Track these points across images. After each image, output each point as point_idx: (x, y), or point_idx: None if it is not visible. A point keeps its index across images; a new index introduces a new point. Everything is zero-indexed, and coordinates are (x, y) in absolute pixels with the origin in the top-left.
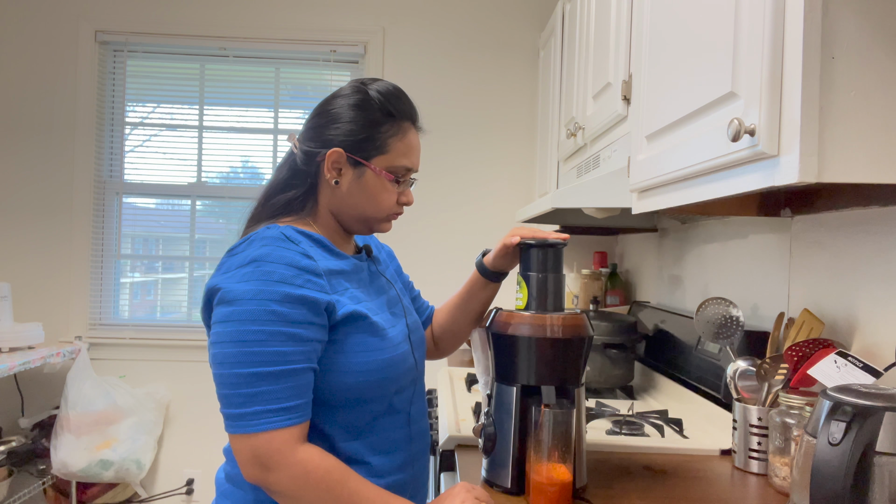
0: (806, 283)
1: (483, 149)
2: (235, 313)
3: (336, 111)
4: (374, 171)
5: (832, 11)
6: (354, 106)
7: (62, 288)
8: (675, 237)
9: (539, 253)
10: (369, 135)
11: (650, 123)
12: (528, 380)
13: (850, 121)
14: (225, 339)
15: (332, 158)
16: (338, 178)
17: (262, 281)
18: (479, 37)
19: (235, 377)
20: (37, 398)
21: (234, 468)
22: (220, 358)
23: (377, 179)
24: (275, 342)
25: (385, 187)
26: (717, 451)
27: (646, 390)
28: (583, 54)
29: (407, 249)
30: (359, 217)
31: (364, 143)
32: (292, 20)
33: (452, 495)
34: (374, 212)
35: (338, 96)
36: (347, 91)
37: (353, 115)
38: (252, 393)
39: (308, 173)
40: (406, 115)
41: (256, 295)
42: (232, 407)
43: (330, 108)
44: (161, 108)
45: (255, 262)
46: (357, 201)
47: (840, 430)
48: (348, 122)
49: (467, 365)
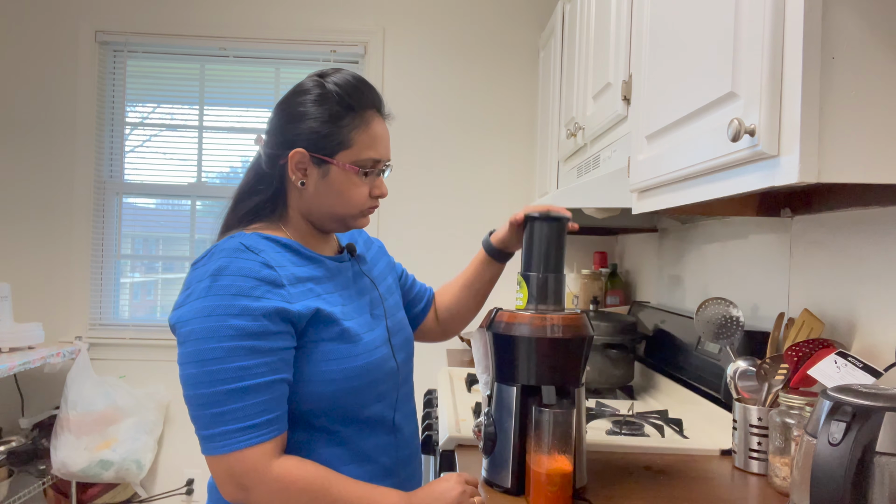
0: (806, 283)
1: (483, 149)
2: (194, 333)
3: (295, 109)
4: (340, 166)
5: (832, 11)
6: (313, 102)
7: (62, 288)
8: (675, 237)
9: (543, 227)
10: (330, 131)
11: (650, 123)
12: (528, 380)
13: (850, 121)
14: (186, 360)
15: (296, 160)
16: (303, 179)
17: (219, 296)
18: (479, 37)
19: (201, 398)
20: (37, 398)
21: None
22: (184, 380)
23: (344, 175)
24: (236, 358)
25: (353, 182)
26: (717, 451)
27: (646, 390)
28: (583, 54)
29: (406, 249)
30: (330, 216)
31: (326, 141)
32: (292, 20)
33: (448, 488)
34: (344, 209)
35: (296, 93)
36: (307, 86)
37: (312, 111)
38: (219, 413)
39: (273, 176)
40: (368, 105)
41: (213, 311)
42: (202, 428)
43: (289, 106)
44: (161, 108)
45: (212, 276)
46: (326, 200)
47: (840, 430)
48: (308, 120)
49: (467, 365)
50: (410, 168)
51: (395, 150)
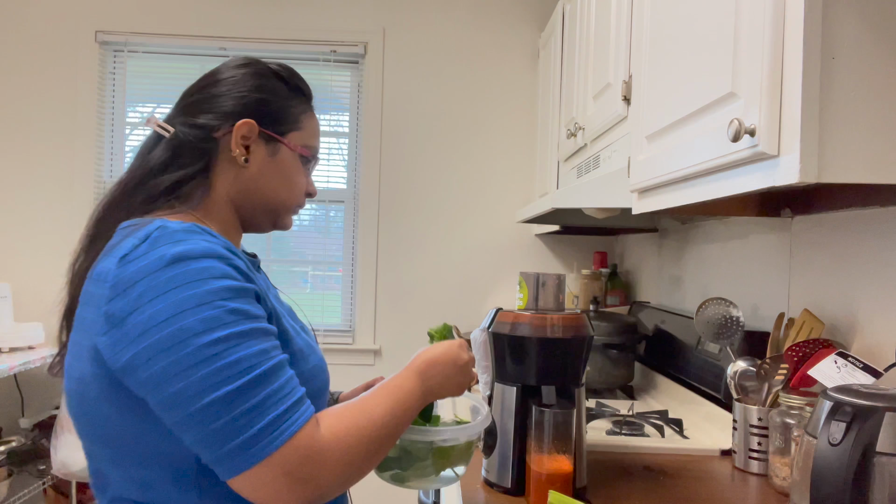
0: (806, 283)
1: (483, 149)
2: (186, 330)
3: (232, 78)
4: (291, 147)
5: (832, 11)
6: (257, 75)
7: (62, 288)
8: (675, 237)
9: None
10: (283, 107)
11: (650, 124)
12: (528, 380)
13: (850, 121)
14: (187, 366)
15: (242, 132)
16: (247, 156)
17: (202, 281)
18: (479, 37)
19: (227, 399)
20: (37, 398)
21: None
22: (190, 391)
23: (293, 159)
24: (252, 342)
25: (299, 170)
26: (717, 451)
27: (646, 390)
28: (583, 54)
29: (406, 249)
30: (267, 205)
31: (278, 115)
32: (292, 20)
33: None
34: (287, 197)
35: (229, 67)
36: (246, 61)
37: (259, 82)
38: (256, 403)
39: (203, 152)
40: (310, 95)
41: (203, 299)
42: (234, 436)
43: (221, 78)
44: (161, 108)
45: (177, 261)
46: (269, 184)
47: (840, 430)
48: (255, 92)
49: None
50: (410, 168)
51: (396, 149)
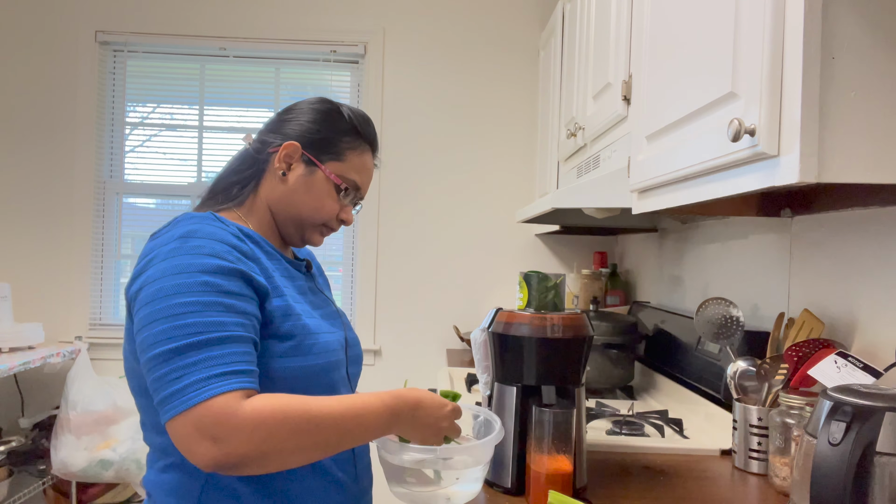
0: (806, 283)
1: (483, 149)
2: (163, 291)
3: (302, 109)
4: (325, 173)
5: (832, 11)
6: (322, 111)
7: (62, 288)
8: (675, 237)
9: None
10: (329, 138)
11: (650, 123)
12: (528, 380)
13: (850, 121)
14: (153, 319)
15: (287, 151)
16: (286, 171)
17: (191, 255)
18: (479, 37)
19: (168, 353)
20: (37, 398)
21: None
22: (149, 340)
23: (325, 183)
24: (212, 313)
25: (330, 195)
26: (717, 451)
27: (646, 390)
28: (583, 54)
29: (405, 249)
30: (295, 217)
31: (322, 144)
32: (292, 20)
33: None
34: (311, 214)
35: (314, 101)
36: (326, 101)
37: (318, 116)
38: (189, 363)
39: (257, 161)
40: (370, 139)
41: (185, 268)
42: (168, 385)
43: (297, 107)
44: (161, 108)
45: (181, 238)
46: (299, 198)
47: (840, 430)
48: (310, 123)
49: (467, 365)
50: (410, 168)
51: (396, 150)
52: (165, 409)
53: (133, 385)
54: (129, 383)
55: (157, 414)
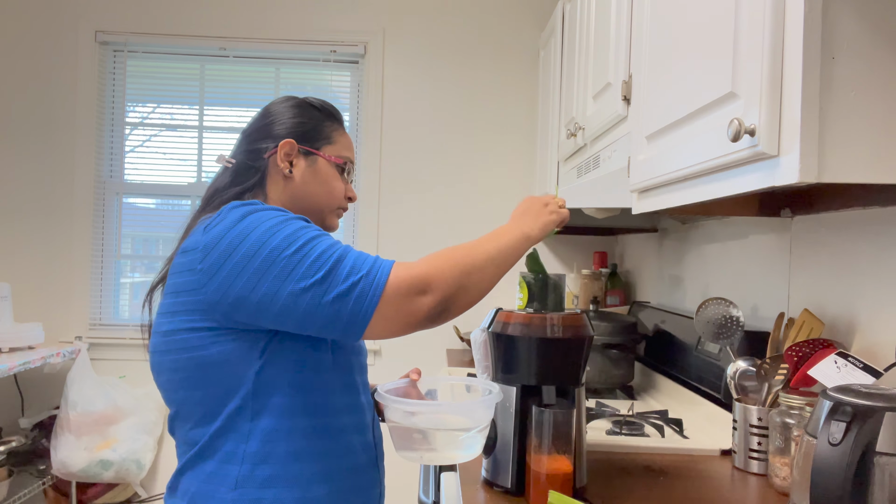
0: (806, 283)
1: (483, 149)
2: (270, 255)
3: (279, 110)
4: (325, 157)
5: (832, 11)
6: (298, 106)
7: (62, 288)
8: (675, 237)
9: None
10: (315, 126)
11: (650, 124)
12: (528, 380)
13: (850, 121)
14: (281, 281)
15: (285, 150)
16: (290, 169)
17: (268, 219)
18: (479, 37)
19: (321, 283)
20: (37, 398)
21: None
22: (294, 293)
23: (329, 167)
24: (321, 239)
25: (335, 176)
26: (717, 451)
27: (646, 390)
28: (583, 54)
29: (406, 249)
30: (312, 207)
31: (312, 134)
32: (292, 20)
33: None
34: (327, 199)
35: (275, 103)
36: (287, 98)
37: (298, 111)
38: (349, 268)
39: (256, 169)
40: (340, 118)
41: (274, 229)
42: (349, 291)
43: (272, 110)
44: (161, 108)
45: (247, 215)
46: (312, 189)
47: (840, 430)
48: (294, 118)
49: (467, 365)
50: (410, 168)
51: (396, 150)
52: (363, 308)
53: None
54: (160, 379)
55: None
